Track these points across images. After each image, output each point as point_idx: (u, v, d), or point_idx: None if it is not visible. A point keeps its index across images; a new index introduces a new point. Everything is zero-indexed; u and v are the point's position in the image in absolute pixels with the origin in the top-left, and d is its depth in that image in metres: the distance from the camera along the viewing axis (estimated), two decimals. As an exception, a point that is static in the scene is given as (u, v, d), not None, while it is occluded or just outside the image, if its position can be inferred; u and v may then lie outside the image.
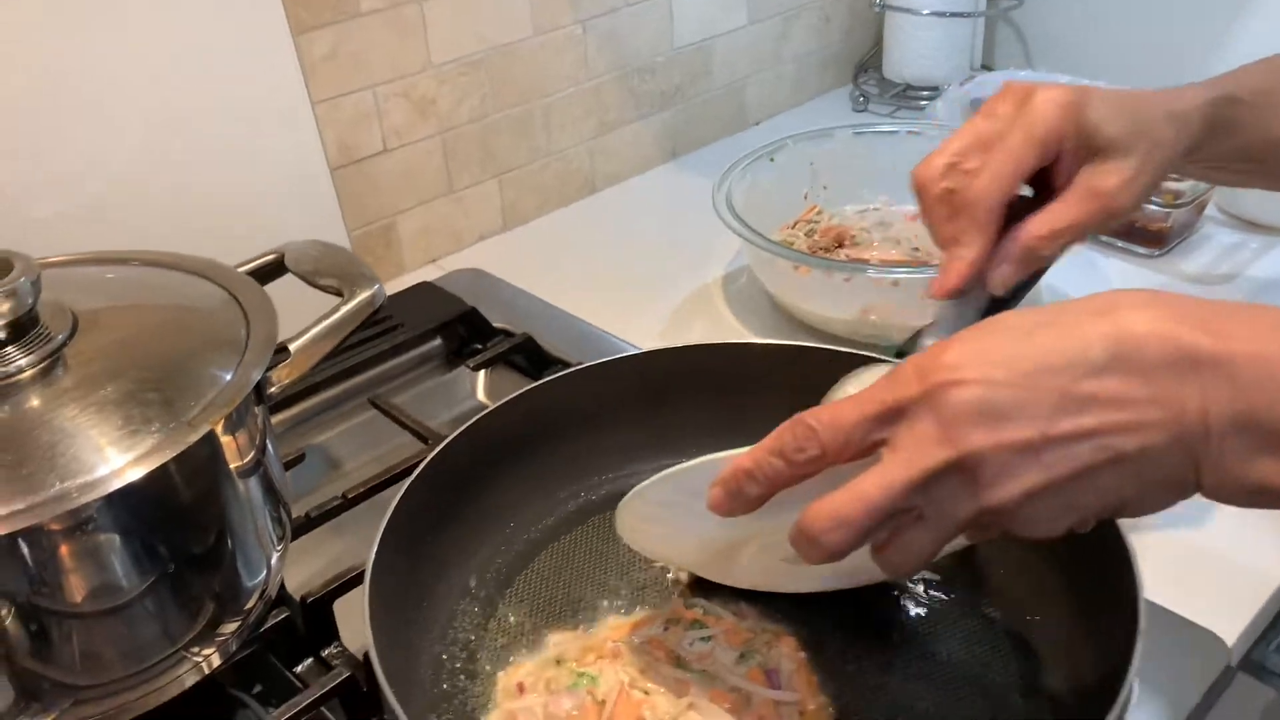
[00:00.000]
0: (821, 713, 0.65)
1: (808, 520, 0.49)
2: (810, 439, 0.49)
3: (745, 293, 1.19)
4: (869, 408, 0.48)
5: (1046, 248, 0.63)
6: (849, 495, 0.47)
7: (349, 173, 1.17)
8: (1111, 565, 0.61)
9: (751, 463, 0.52)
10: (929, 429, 0.46)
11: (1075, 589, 0.68)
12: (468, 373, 1.11)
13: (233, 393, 0.67)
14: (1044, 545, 0.67)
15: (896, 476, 0.46)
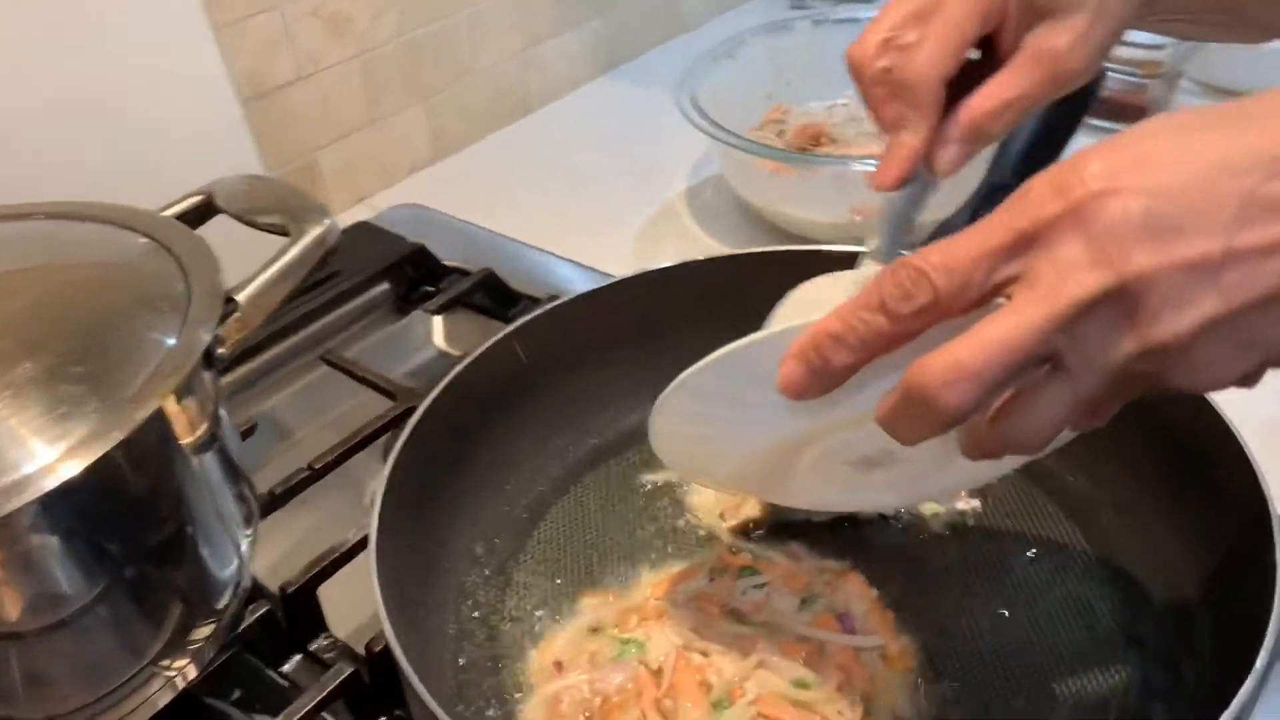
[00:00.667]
0: (906, 656, 0.58)
1: (919, 375, 0.40)
2: (920, 284, 0.40)
3: (713, 206, 1.09)
4: (994, 238, 0.39)
5: (994, 124, 0.56)
6: (975, 340, 0.39)
7: (262, 106, 1.04)
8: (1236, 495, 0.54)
9: (840, 324, 0.43)
10: (1077, 252, 0.37)
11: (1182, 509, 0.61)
12: (422, 318, 1.00)
13: (180, 358, 0.56)
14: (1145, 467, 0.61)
15: (1037, 313, 0.38)
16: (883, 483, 0.58)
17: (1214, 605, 0.55)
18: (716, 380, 0.51)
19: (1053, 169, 0.39)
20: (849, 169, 0.90)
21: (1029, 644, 0.59)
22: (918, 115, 0.56)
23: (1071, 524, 0.65)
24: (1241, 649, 0.47)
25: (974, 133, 0.56)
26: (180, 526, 0.60)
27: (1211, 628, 0.55)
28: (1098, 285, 0.37)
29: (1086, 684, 0.57)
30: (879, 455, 0.55)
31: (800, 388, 0.45)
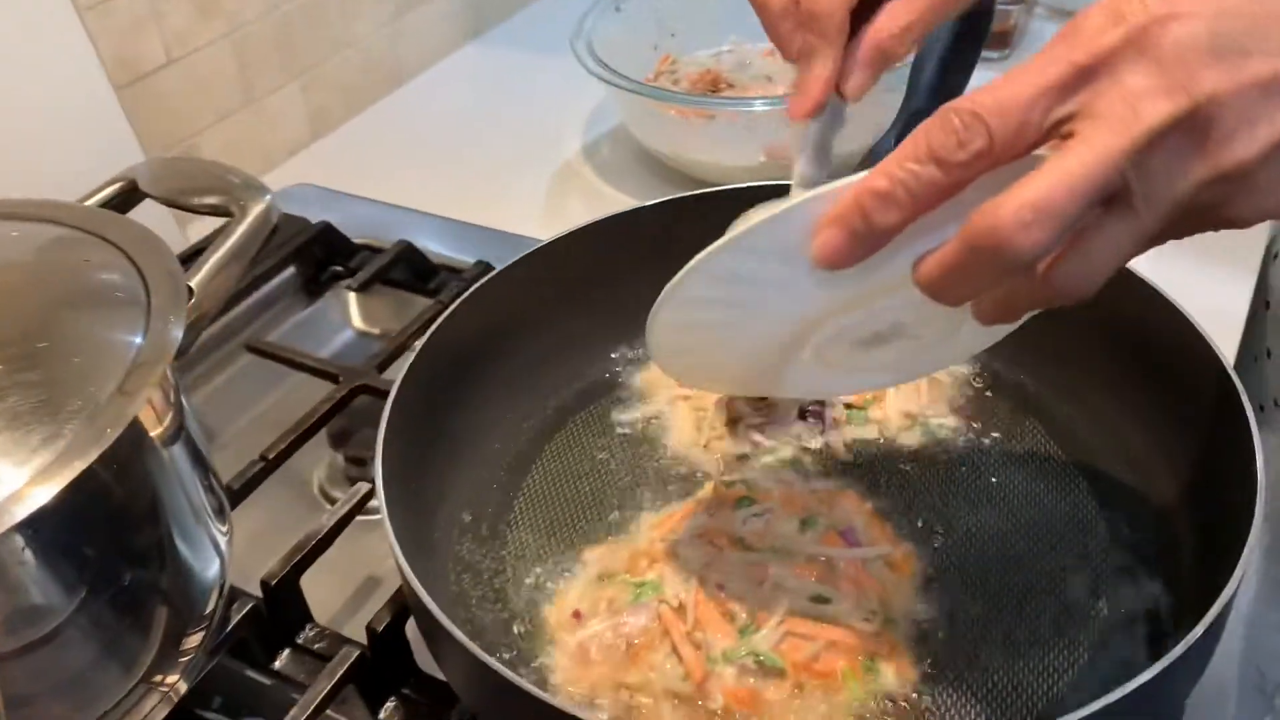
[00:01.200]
0: (909, 560, 0.61)
1: (989, 220, 0.37)
2: (974, 128, 0.38)
3: (614, 161, 1.09)
4: (1050, 73, 0.37)
5: (898, 46, 0.58)
6: (1049, 176, 0.37)
7: (136, 92, 0.98)
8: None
9: (886, 180, 0.40)
10: (1145, 80, 0.36)
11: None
12: (336, 299, 0.98)
13: (154, 355, 0.53)
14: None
15: (1112, 143, 0.36)
16: (880, 363, 0.58)
17: (1194, 491, 0.60)
18: (732, 262, 0.48)
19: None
20: (758, 110, 0.91)
21: (1014, 532, 0.63)
22: (826, 45, 0.57)
23: (1034, 422, 0.69)
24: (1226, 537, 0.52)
25: (879, 56, 0.58)
26: (160, 526, 0.56)
27: (1192, 508, 0.59)
28: (1170, 111, 0.36)
29: (1067, 561, 0.61)
30: (888, 330, 0.54)
31: (840, 254, 0.42)
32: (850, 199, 0.41)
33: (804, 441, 0.68)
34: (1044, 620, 0.58)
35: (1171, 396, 0.62)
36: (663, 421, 0.73)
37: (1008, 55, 1.18)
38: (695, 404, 0.72)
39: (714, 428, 0.70)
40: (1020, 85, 0.38)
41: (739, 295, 0.51)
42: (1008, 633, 0.57)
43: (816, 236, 0.43)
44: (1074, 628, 0.57)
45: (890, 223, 0.41)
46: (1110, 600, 0.58)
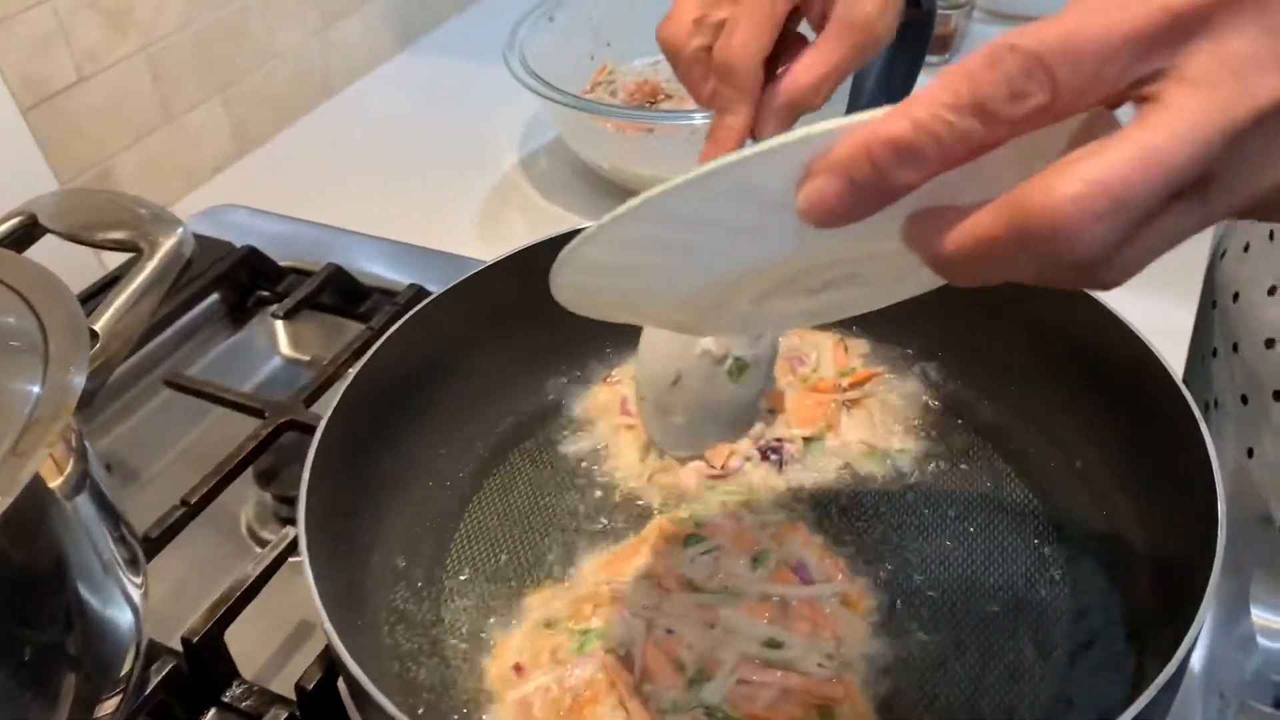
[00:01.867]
0: (864, 597, 0.58)
1: (1044, 202, 0.30)
2: (1035, 76, 0.30)
3: (552, 175, 1.06)
4: (1140, 16, 0.30)
5: (814, 97, 0.55)
6: (1127, 154, 0.29)
7: (44, 113, 0.92)
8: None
9: (911, 128, 0.31)
10: (1255, 45, 0.29)
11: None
12: (261, 326, 0.93)
13: (53, 406, 0.49)
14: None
15: (1211, 120, 0.29)
16: (818, 306, 0.49)
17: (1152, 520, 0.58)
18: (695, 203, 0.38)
19: None
20: (698, 123, 0.89)
21: (971, 564, 0.60)
22: (740, 97, 0.55)
23: (989, 447, 0.67)
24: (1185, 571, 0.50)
25: (795, 108, 0.55)
26: (65, 587, 0.53)
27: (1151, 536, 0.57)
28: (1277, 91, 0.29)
29: (1026, 593, 0.59)
30: (841, 279, 0.45)
31: (835, 210, 0.33)
32: (859, 144, 0.32)
33: (764, 480, 0.65)
34: (1004, 658, 0.56)
35: (1124, 415, 0.60)
36: (606, 451, 0.70)
37: (949, 59, 1.17)
38: (639, 433, 0.69)
39: (660, 458, 0.67)
40: (1098, 26, 0.30)
41: (690, 240, 0.40)
42: (968, 672, 0.55)
43: (806, 183, 0.33)
44: (1036, 663, 0.55)
45: (906, 180, 0.32)
46: (1071, 633, 0.56)
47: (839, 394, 0.68)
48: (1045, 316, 0.64)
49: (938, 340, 0.71)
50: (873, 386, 0.70)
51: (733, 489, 0.65)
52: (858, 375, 0.69)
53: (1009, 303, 0.64)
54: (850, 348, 0.73)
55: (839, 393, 0.68)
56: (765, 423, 0.67)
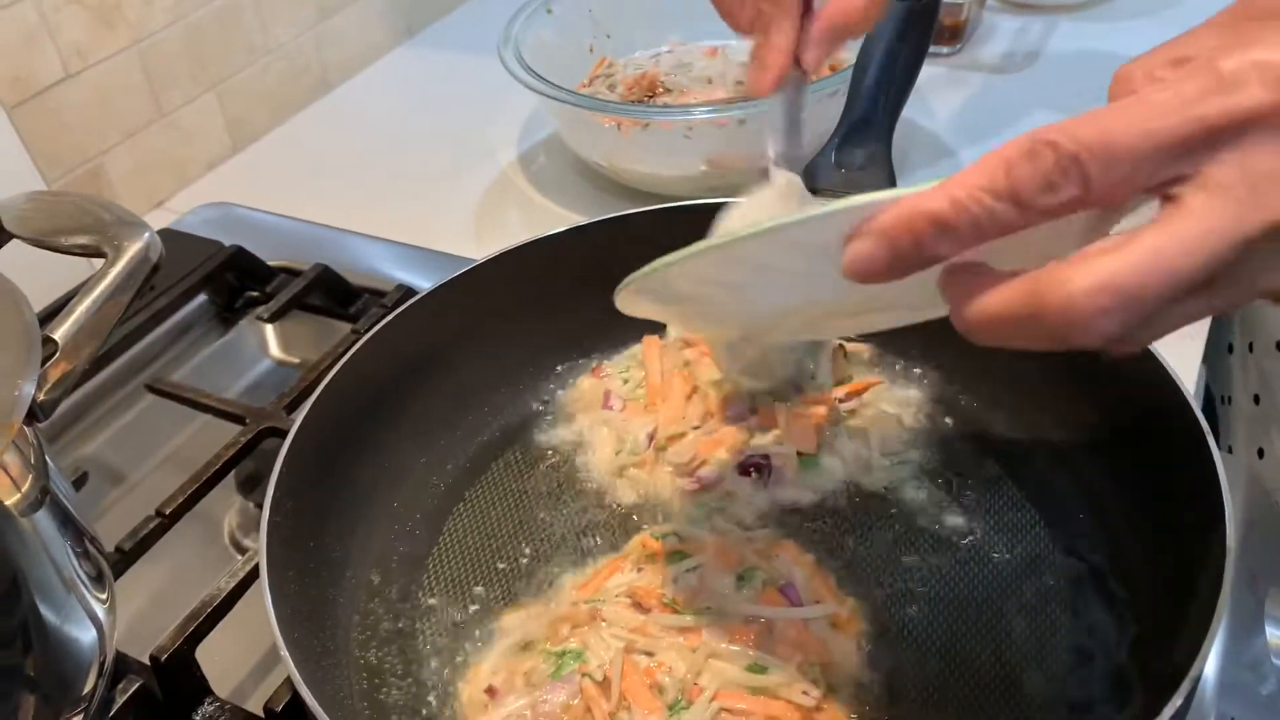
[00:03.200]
0: (855, 618, 0.55)
1: (1058, 292, 0.32)
2: (1070, 173, 0.32)
3: (550, 172, 1.04)
4: (1172, 126, 0.31)
5: (858, 23, 0.59)
6: (1140, 254, 0.31)
7: (30, 110, 0.91)
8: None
9: (950, 206, 0.34)
10: (1275, 162, 0.31)
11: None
12: (251, 327, 0.91)
13: (1, 418, 0.47)
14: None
15: (1224, 229, 0.31)
16: (866, 322, 0.56)
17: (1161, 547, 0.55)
18: (755, 252, 0.42)
19: (1256, 45, 0.31)
20: (697, 118, 0.86)
21: (969, 584, 0.58)
22: (783, 14, 0.57)
23: (991, 461, 0.64)
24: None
25: (837, 31, 0.58)
26: (20, 605, 0.51)
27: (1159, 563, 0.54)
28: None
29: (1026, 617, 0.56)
30: (882, 305, 0.48)
31: (876, 271, 0.37)
32: (902, 215, 0.35)
33: (743, 500, 0.63)
34: (1001, 687, 0.53)
35: (1134, 432, 0.57)
36: (582, 443, 0.68)
37: (958, 49, 1.13)
38: (616, 428, 0.67)
39: (634, 453, 0.65)
40: (1134, 130, 0.32)
41: (750, 280, 0.45)
42: (962, 700, 0.52)
43: (852, 243, 0.37)
44: (1036, 693, 0.52)
45: (941, 251, 0.35)
46: (1073, 661, 0.53)
47: (834, 407, 0.65)
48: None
49: (941, 349, 0.68)
50: (871, 396, 0.67)
51: (714, 500, 0.62)
52: (854, 386, 0.66)
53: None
54: (851, 354, 0.70)
55: (835, 405, 0.66)
56: (749, 433, 0.64)
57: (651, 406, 0.68)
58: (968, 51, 1.14)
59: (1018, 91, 1.07)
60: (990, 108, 1.05)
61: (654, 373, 0.69)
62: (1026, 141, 0.33)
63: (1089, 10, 1.18)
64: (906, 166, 0.97)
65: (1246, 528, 0.62)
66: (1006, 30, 1.17)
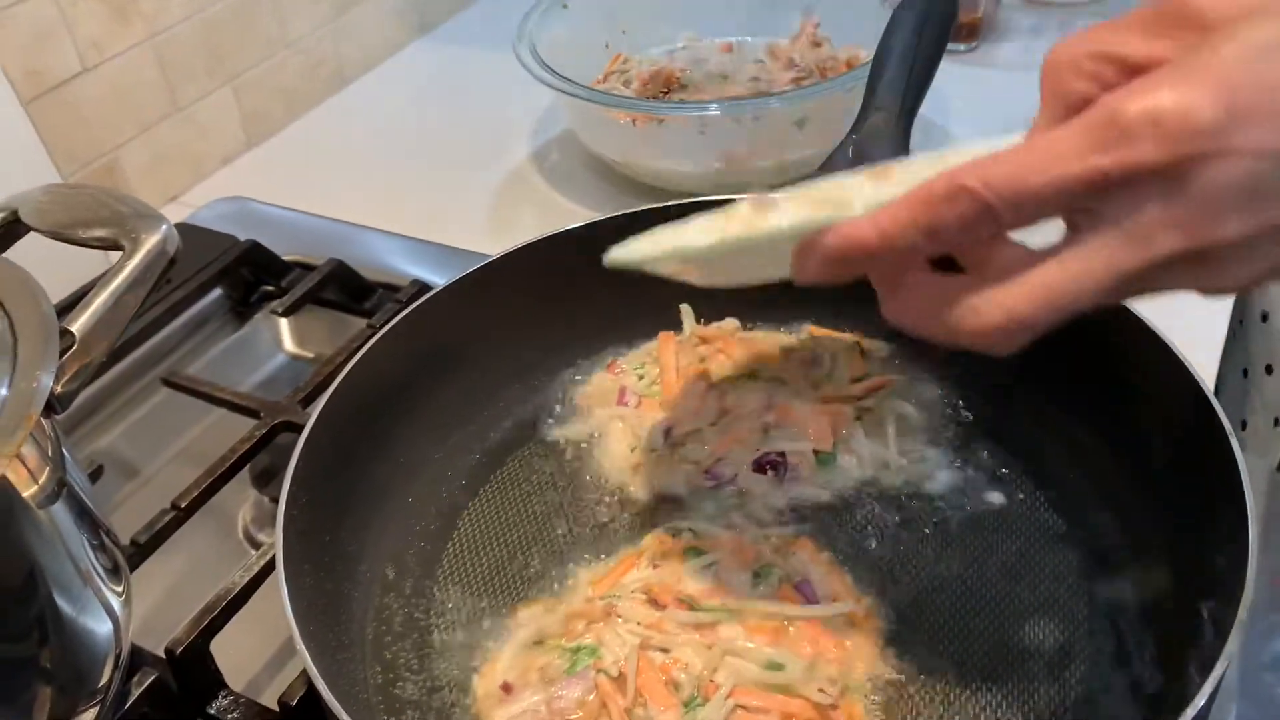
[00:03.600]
0: (872, 616, 0.55)
1: (970, 319, 0.39)
2: (983, 218, 0.37)
3: (565, 168, 1.04)
4: (1074, 172, 0.35)
5: None
6: (1034, 290, 0.38)
7: (46, 104, 0.91)
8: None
9: (878, 237, 0.40)
10: (1166, 213, 0.35)
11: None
12: (266, 321, 0.92)
13: (18, 410, 0.47)
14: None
15: (1109, 267, 0.36)
16: None
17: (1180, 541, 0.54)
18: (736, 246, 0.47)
19: (1150, 99, 0.34)
20: (712, 114, 0.85)
21: (987, 582, 0.57)
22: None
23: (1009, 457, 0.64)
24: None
25: None
26: (38, 597, 0.51)
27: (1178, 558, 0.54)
28: (1179, 248, 0.35)
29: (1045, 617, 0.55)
30: None
31: (814, 280, 0.44)
32: (839, 242, 0.41)
33: (759, 497, 0.62)
34: (1019, 685, 0.52)
35: (1155, 431, 0.57)
36: (597, 440, 0.68)
37: (975, 47, 1.12)
38: (631, 424, 0.67)
39: (650, 450, 0.65)
40: (1041, 177, 0.36)
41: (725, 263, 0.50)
42: (981, 697, 0.52)
43: (797, 258, 0.44)
44: (1053, 691, 0.52)
45: (866, 270, 0.43)
46: (1092, 661, 0.53)
47: (851, 403, 0.65)
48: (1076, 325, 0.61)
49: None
50: (888, 394, 0.66)
51: (730, 498, 0.62)
52: (871, 383, 0.66)
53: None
54: (868, 352, 0.69)
55: (851, 402, 0.65)
56: (765, 430, 0.64)
57: (667, 403, 0.68)
58: (984, 49, 1.13)
59: (1035, 89, 1.06)
60: (1008, 105, 1.04)
61: (669, 369, 0.69)
62: (945, 185, 0.38)
63: (1103, 5, 1.18)
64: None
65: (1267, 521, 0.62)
66: (1023, 27, 1.16)
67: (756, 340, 0.71)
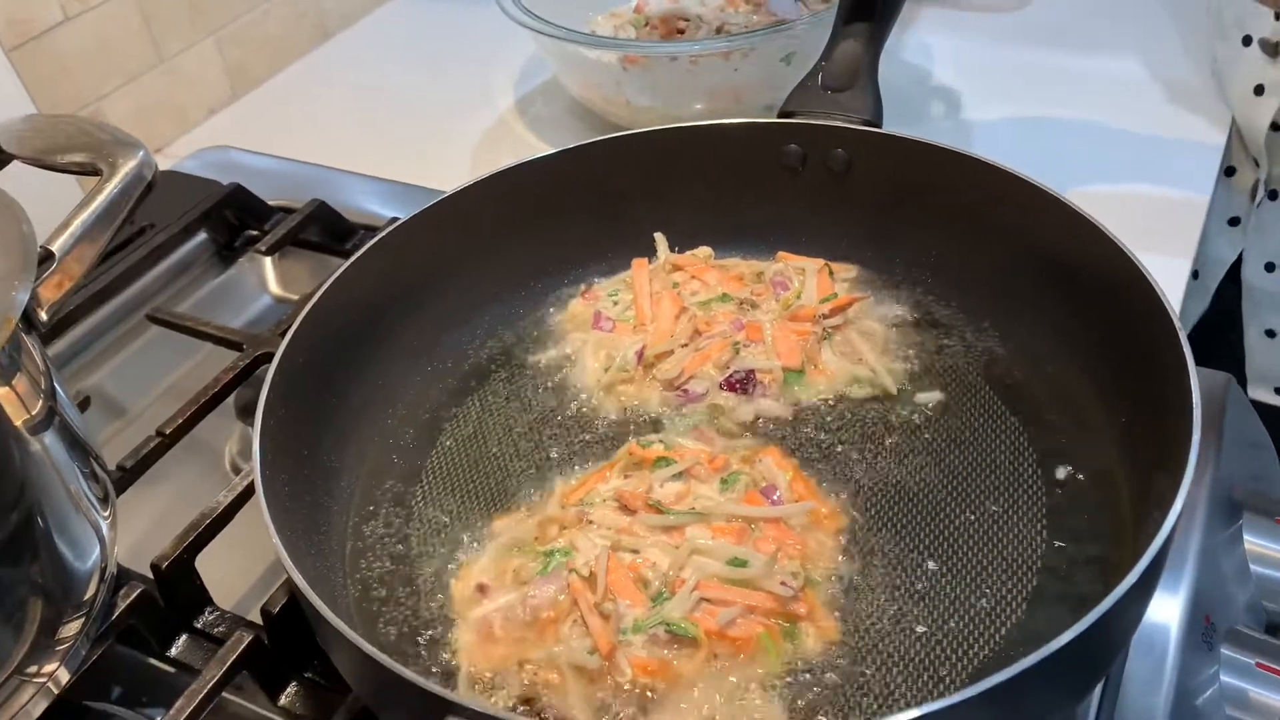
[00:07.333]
0: (835, 516, 0.57)
1: None
2: None
3: (547, 116, 1.05)
4: None
5: None
6: None
7: (29, 53, 0.92)
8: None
9: None
10: None
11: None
12: (251, 264, 0.93)
13: None
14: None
15: None
16: None
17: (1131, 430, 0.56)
18: None
19: None
20: (702, 50, 0.86)
21: (948, 484, 0.59)
22: None
23: (969, 368, 0.65)
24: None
25: None
26: (29, 517, 0.53)
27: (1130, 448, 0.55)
28: None
29: (1002, 516, 0.57)
30: None
31: None
32: None
33: (729, 412, 0.64)
34: (976, 580, 0.54)
35: (1108, 333, 0.58)
36: (573, 360, 0.70)
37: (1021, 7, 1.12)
38: (605, 346, 0.69)
39: (623, 370, 0.66)
40: None
41: None
42: (939, 592, 0.54)
43: None
44: (1007, 586, 0.53)
45: None
46: (1047, 559, 0.54)
47: (820, 323, 0.66)
48: (1032, 232, 0.62)
49: (924, 261, 0.69)
50: (855, 312, 0.68)
51: (700, 413, 0.63)
52: (839, 301, 0.67)
53: (996, 221, 0.63)
54: (836, 272, 0.71)
55: (819, 321, 0.67)
56: (736, 349, 0.65)
57: (640, 327, 0.69)
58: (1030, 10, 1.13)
59: (1010, 29, 1.08)
60: (983, 47, 1.06)
61: (642, 295, 0.71)
62: None
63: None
64: (905, 103, 0.97)
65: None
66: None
67: (728, 266, 0.73)
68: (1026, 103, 0.96)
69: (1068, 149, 0.89)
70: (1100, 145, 0.89)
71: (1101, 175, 0.85)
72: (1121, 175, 0.85)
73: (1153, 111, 0.92)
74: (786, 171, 0.71)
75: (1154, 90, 0.95)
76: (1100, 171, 0.85)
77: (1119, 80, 0.97)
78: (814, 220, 0.73)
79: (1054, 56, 1.02)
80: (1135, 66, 0.98)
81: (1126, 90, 0.96)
